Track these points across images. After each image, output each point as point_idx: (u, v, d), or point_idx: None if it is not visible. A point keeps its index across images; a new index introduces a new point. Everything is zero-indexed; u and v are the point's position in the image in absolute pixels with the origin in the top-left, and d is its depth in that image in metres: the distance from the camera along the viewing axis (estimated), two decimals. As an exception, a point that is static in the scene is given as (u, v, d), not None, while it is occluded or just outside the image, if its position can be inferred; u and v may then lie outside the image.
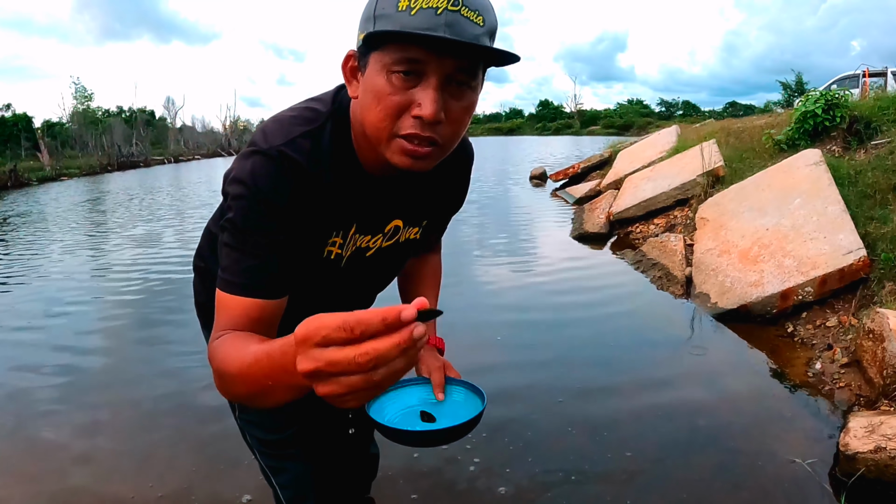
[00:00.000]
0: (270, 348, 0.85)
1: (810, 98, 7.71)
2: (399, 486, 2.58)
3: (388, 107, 1.02)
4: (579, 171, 14.13)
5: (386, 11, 0.99)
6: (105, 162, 34.46)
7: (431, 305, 1.58)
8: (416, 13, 0.96)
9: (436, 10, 0.96)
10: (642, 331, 4.64)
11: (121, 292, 6.29)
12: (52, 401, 3.69)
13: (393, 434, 1.38)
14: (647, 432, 3.09)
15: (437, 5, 0.96)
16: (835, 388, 3.37)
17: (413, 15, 0.96)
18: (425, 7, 0.96)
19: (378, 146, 1.08)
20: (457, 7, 0.97)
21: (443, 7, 0.96)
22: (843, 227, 4.46)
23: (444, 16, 0.96)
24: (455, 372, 1.58)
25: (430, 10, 0.96)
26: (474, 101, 1.09)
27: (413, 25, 0.96)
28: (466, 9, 0.98)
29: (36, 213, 14.27)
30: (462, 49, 0.98)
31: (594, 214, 8.92)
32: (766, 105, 38.57)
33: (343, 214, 1.25)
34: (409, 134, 1.03)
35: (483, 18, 1.00)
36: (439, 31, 0.96)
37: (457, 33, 0.97)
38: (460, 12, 0.97)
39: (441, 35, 0.95)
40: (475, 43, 0.98)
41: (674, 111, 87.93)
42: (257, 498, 2.58)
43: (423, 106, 1.00)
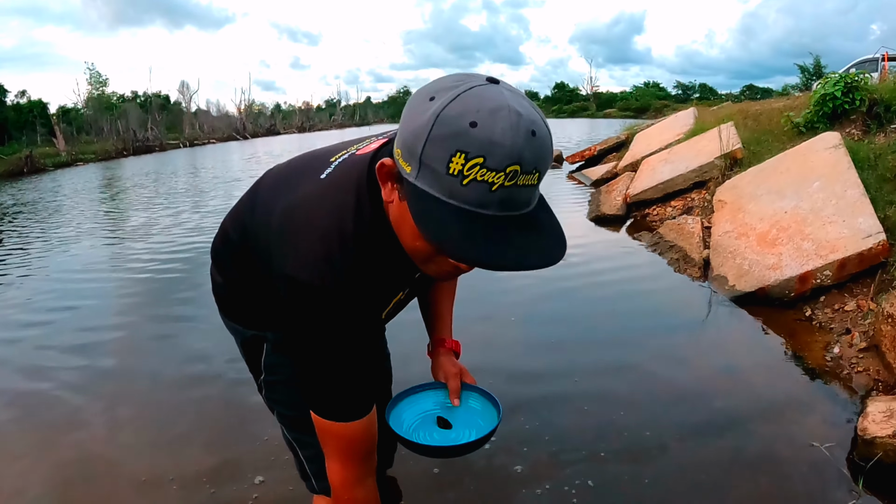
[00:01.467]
0: None
1: (830, 81, 7.63)
2: (413, 465, 2.60)
3: (425, 250, 1.05)
4: (596, 154, 14.04)
5: (435, 165, 0.91)
6: (120, 147, 34.65)
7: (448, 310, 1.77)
8: (469, 184, 0.89)
9: (491, 186, 0.89)
10: (659, 313, 4.64)
11: (140, 272, 6.35)
12: (69, 382, 3.75)
13: (411, 446, 1.46)
14: (664, 414, 3.09)
15: (493, 181, 0.89)
16: (853, 372, 3.35)
17: (465, 185, 0.90)
18: (479, 179, 0.89)
19: (413, 260, 1.13)
20: (514, 180, 0.90)
21: (499, 183, 0.89)
22: (863, 211, 4.43)
23: (498, 192, 0.90)
24: (471, 378, 1.63)
25: (485, 185, 0.89)
26: None
27: (462, 198, 0.91)
28: (525, 176, 0.91)
29: (51, 198, 14.36)
30: None
31: (611, 197, 8.89)
32: (784, 88, 38.18)
33: (390, 291, 1.30)
34: (446, 270, 1.11)
35: (539, 174, 0.94)
36: (490, 209, 0.91)
37: (510, 208, 0.93)
38: (517, 183, 0.91)
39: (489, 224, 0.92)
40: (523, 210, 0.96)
41: (690, 94, 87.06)
42: (270, 479, 2.61)
43: (462, 266, 1.07)
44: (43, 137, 34.79)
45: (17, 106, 42.51)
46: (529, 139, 0.89)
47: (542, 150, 0.92)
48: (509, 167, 0.88)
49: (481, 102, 0.89)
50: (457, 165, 0.88)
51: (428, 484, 2.57)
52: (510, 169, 0.88)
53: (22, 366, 4.05)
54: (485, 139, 0.87)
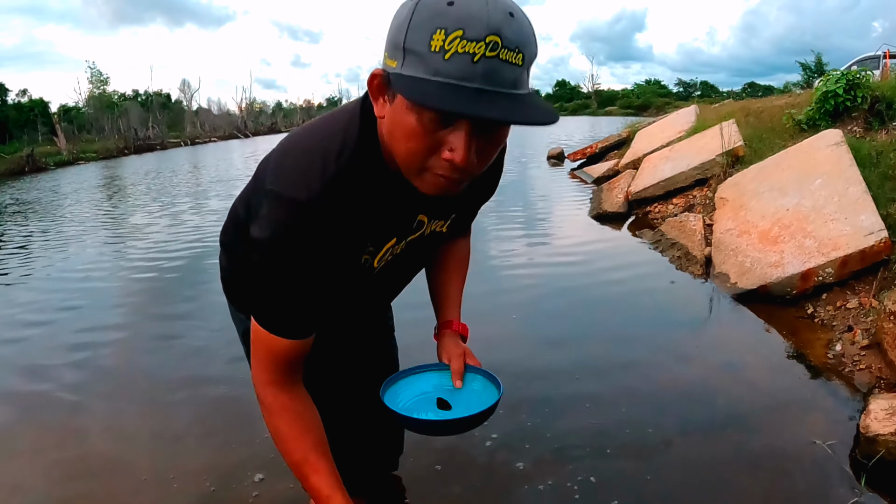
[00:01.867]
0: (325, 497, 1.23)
1: (831, 78, 7.62)
2: (416, 461, 2.60)
3: (419, 147, 1.01)
4: (597, 151, 14.04)
5: (416, 48, 0.92)
6: (121, 145, 34.69)
7: (457, 292, 1.73)
8: (451, 58, 0.90)
9: (472, 56, 0.89)
10: (661, 310, 4.63)
11: (142, 271, 6.37)
12: (70, 381, 3.76)
13: (405, 421, 1.41)
14: (665, 411, 3.09)
15: (473, 51, 0.89)
16: (855, 369, 3.35)
17: (447, 60, 0.90)
18: (461, 52, 0.89)
19: (407, 175, 1.08)
20: (495, 52, 0.90)
21: (480, 53, 0.89)
22: (865, 209, 4.42)
23: (481, 64, 0.90)
24: (475, 360, 1.56)
25: (467, 56, 0.89)
26: (505, 134, 1.10)
27: (447, 73, 0.90)
28: (506, 50, 0.91)
29: (52, 197, 14.38)
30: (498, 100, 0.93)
31: (612, 194, 8.89)
32: (786, 86, 38.12)
33: (379, 230, 1.26)
34: (440, 174, 1.04)
35: (523, 55, 0.94)
36: (475, 83, 0.90)
37: (494, 83, 0.92)
38: (499, 56, 0.91)
39: (475, 95, 0.90)
40: (511, 91, 0.94)
41: (692, 91, 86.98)
42: (269, 477, 2.61)
43: (456, 152, 0.99)
44: (44, 136, 34.85)
45: (19, 105, 42.60)
46: (507, 18, 0.91)
47: (522, 31, 0.93)
48: (489, 37, 0.89)
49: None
50: (438, 42, 0.89)
51: (431, 480, 2.57)
52: (490, 39, 0.89)
53: (23, 365, 4.05)
54: (463, 14, 0.88)
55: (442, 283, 1.72)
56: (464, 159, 0.99)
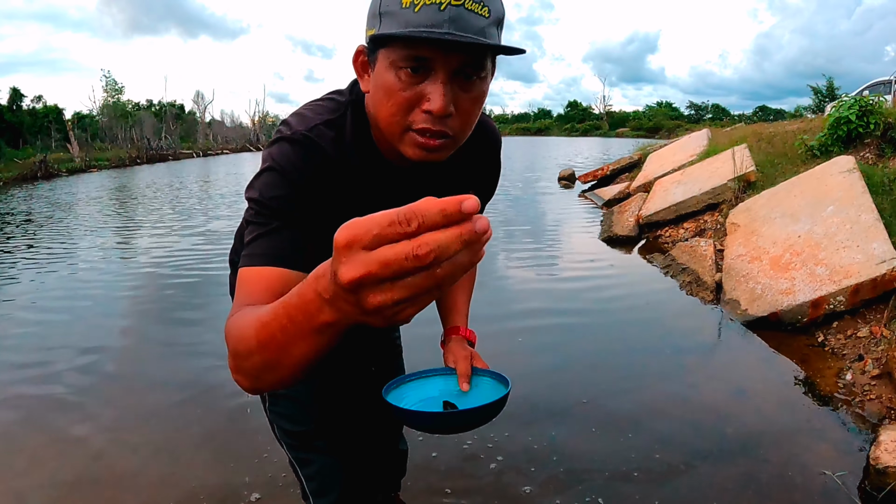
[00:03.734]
0: (287, 296, 0.76)
1: (844, 104, 7.62)
2: (423, 483, 2.59)
3: (399, 102, 1.04)
4: (608, 174, 14.06)
5: (390, 8, 0.99)
6: (134, 154, 34.81)
7: (464, 301, 1.68)
8: (420, 10, 0.96)
9: (439, 5, 0.95)
10: (670, 336, 4.61)
11: (151, 278, 6.37)
12: (72, 392, 3.74)
13: (412, 418, 1.33)
14: (673, 437, 3.07)
15: (440, 0, 0.95)
16: (865, 399, 3.32)
17: (417, 12, 0.96)
18: (429, 3, 0.95)
19: (392, 140, 1.10)
20: (460, 1, 0.96)
21: (446, 2, 0.95)
22: (877, 236, 4.40)
23: (447, 11, 0.96)
24: (483, 362, 1.53)
25: (434, 5, 0.96)
26: (484, 90, 1.09)
27: (417, 22, 0.96)
28: (471, 1, 0.97)
29: (63, 203, 14.44)
30: (467, 45, 0.97)
31: (623, 217, 8.88)
32: (797, 110, 38.14)
33: (365, 200, 1.18)
34: (421, 128, 1.05)
35: (489, 9, 1.00)
36: (444, 28, 0.96)
37: (461, 28, 0.97)
38: (464, 6, 0.96)
39: (445, 33, 0.95)
40: (479, 39, 0.97)
41: (703, 114, 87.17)
42: (266, 496, 2.60)
43: (433, 101, 1.01)
44: (57, 143, 34.99)
45: (33, 111, 42.86)
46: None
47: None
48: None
49: None
50: None
51: (437, 502, 2.56)
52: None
53: (29, 369, 4.05)
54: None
55: (447, 293, 1.68)
56: (442, 107, 1.01)
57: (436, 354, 1.61)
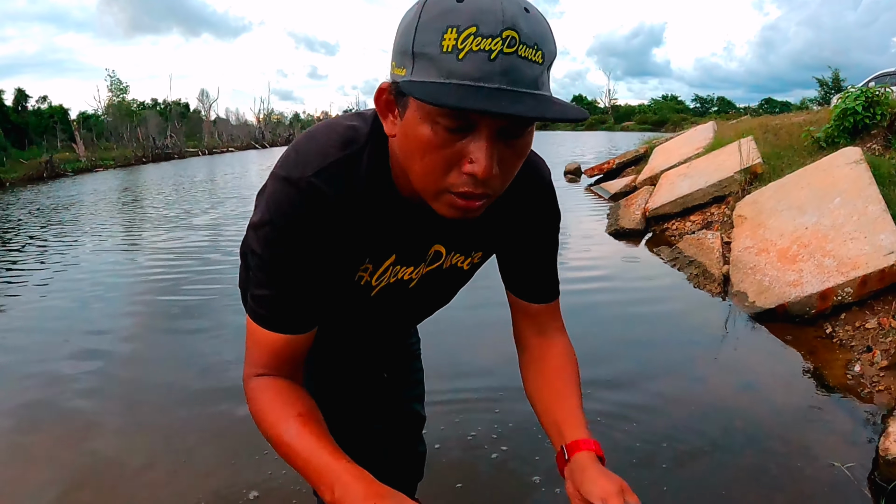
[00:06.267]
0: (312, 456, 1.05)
1: (850, 95, 7.60)
2: (429, 475, 2.60)
3: (436, 161, 0.92)
4: (614, 167, 14.04)
5: (427, 50, 0.85)
6: (140, 154, 34.93)
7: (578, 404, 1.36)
8: (466, 57, 0.82)
9: (489, 54, 0.81)
10: (678, 328, 4.62)
11: (154, 279, 6.39)
12: (77, 390, 3.77)
13: None
14: (681, 428, 3.08)
15: (490, 48, 0.81)
16: (874, 391, 3.32)
17: (461, 59, 0.82)
18: (475, 49, 0.81)
19: (424, 196, 0.99)
20: (513, 48, 0.82)
21: (497, 50, 0.82)
22: (885, 227, 4.39)
23: (499, 61, 0.82)
24: (635, 497, 1.19)
25: (483, 53, 0.81)
26: (529, 142, 1.00)
27: (462, 73, 0.82)
28: (524, 47, 0.83)
29: (69, 203, 14.48)
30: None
31: (630, 210, 8.87)
32: (803, 102, 38.04)
33: (379, 245, 1.16)
34: (462, 192, 0.94)
35: (543, 53, 0.86)
36: (494, 83, 0.82)
37: (515, 81, 0.84)
38: (517, 53, 0.83)
39: (495, 90, 0.82)
40: (535, 93, 0.86)
41: (708, 107, 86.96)
42: (263, 494, 2.60)
43: (477, 163, 0.90)
44: (63, 143, 35.08)
45: (39, 111, 42.99)
46: (523, 12, 0.84)
47: (540, 27, 0.86)
48: (505, 32, 0.81)
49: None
50: (450, 41, 0.82)
51: (449, 497, 2.56)
52: (507, 34, 0.81)
53: (36, 372, 4.06)
54: (474, 9, 0.82)
55: (554, 398, 1.39)
56: (487, 170, 0.89)
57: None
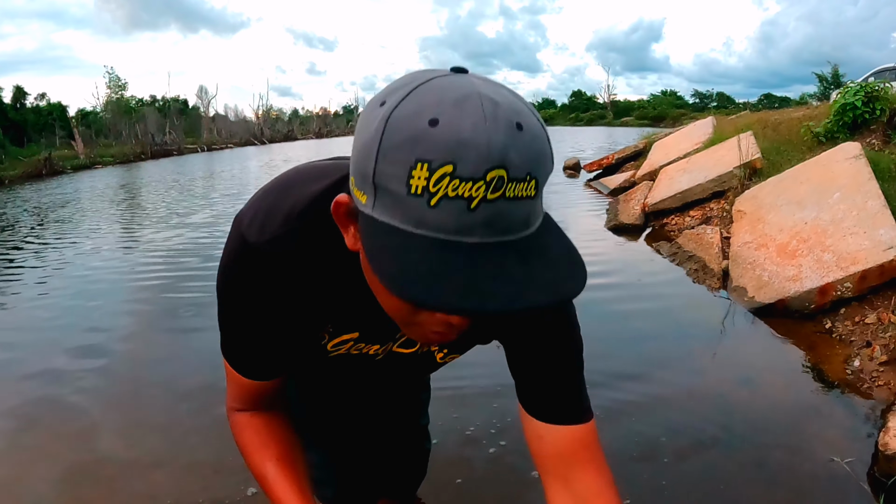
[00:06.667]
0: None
1: (850, 90, 7.59)
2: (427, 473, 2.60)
3: (401, 312, 0.83)
4: (613, 162, 14.03)
5: (392, 187, 0.67)
6: (139, 150, 34.87)
7: None
8: (439, 204, 0.65)
9: (469, 202, 0.65)
10: (677, 323, 4.62)
11: (155, 276, 6.38)
12: (78, 384, 3.76)
13: None
14: (680, 423, 3.07)
15: (470, 194, 0.64)
16: (874, 386, 3.32)
17: (434, 206, 0.65)
18: (452, 196, 0.64)
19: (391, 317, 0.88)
20: (500, 190, 0.66)
21: (479, 197, 0.65)
22: (884, 223, 4.39)
23: (481, 210, 0.66)
24: None
25: (461, 201, 0.65)
26: None
27: (434, 224, 0.66)
28: (514, 184, 0.67)
29: (68, 200, 14.47)
30: None
31: (629, 206, 8.87)
32: (802, 97, 38.03)
33: (340, 318, 1.09)
34: (436, 332, 0.86)
35: (536, 181, 0.70)
36: (474, 235, 0.67)
37: (500, 231, 0.69)
38: (505, 195, 0.66)
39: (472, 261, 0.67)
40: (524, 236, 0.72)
41: (707, 103, 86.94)
42: (261, 491, 2.58)
43: (445, 333, 0.85)
44: (62, 140, 35.00)
45: (37, 108, 42.90)
46: (514, 134, 0.66)
47: (535, 149, 0.69)
48: (490, 172, 0.64)
49: (443, 94, 0.67)
50: (419, 181, 0.64)
51: (448, 492, 2.56)
52: (492, 175, 0.64)
53: (37, 369, 4.04)
54: (452, 139, 0.64)
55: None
56: (454, 336, 0.85)
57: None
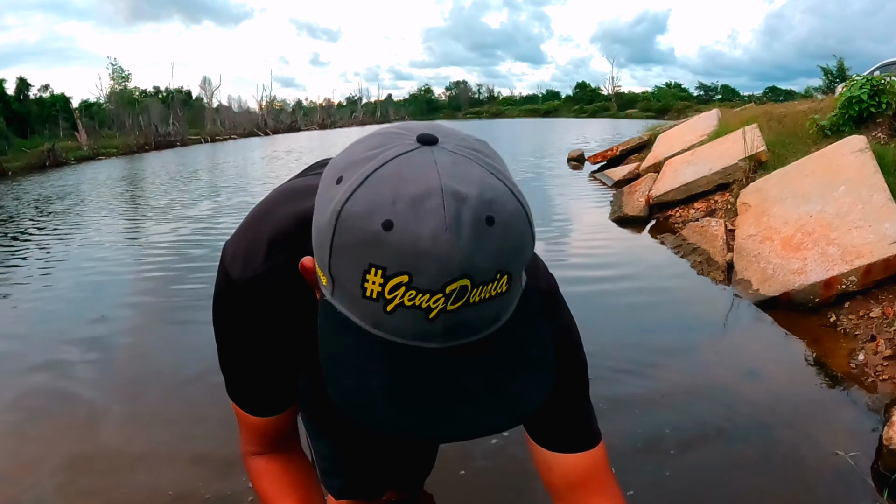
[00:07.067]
0: None
1: (856, 83, 7.56)
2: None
3: None
4: (618, 154, 13.98)
5: (346, 286, 0.65)
6: (142, 141, 34.77)
7: None
8: (395, 311, 0.62)
9: (426, 312, 0.61)
10: (681, 315, 4.61)
11: (159, 268, 6.39)
12: (81, 375, 3.78)
13: None
14: (684, 416, 3.07)
15: (428, 305, 0.61)
16: (878, 380, 3.31)
17: (390, 312, 0.62)
18: (408, 304, 0.61)
19: None
20: (462, 300, 0.61)
21: (438, 308, 0.61)
22: (889, 216, 4.37)
23: (440, 320, 0.62)
24: None
25: (418, 312, 0.62)
26: None
27: (391, 329, 0.64)
28: (481, 288, 0.62)
29: (71, 191, 14.48)
30: None
31: (633, 197, 8.85)
32: (807, 90, 37.92)
33: None
34: None
35: (509, 275, 0.65)
36: (434, 341, 0.64)
37: (461, 335, 0.65)
38: (469, 301, 0.62)
39: (436, 350, 0.65)
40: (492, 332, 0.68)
41: (712, 95, 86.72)
42: None
43: None
44: (65, 131, 34.95)
45: (40, 100, 42.90)
46: (481, 234, 0.61)
47: (508, 244, 0.64)
48: (451, 285, 0.60)
49: (400, 187, 0.61)
50: (374, 286, 0.61)
51: (452, 484, 2.55)
52: (452, 287, 0.60)
53: (38, 360, 4.05)
54: (406, 248, 0.59)
55: None
56: None
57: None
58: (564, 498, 1.14)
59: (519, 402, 0.69)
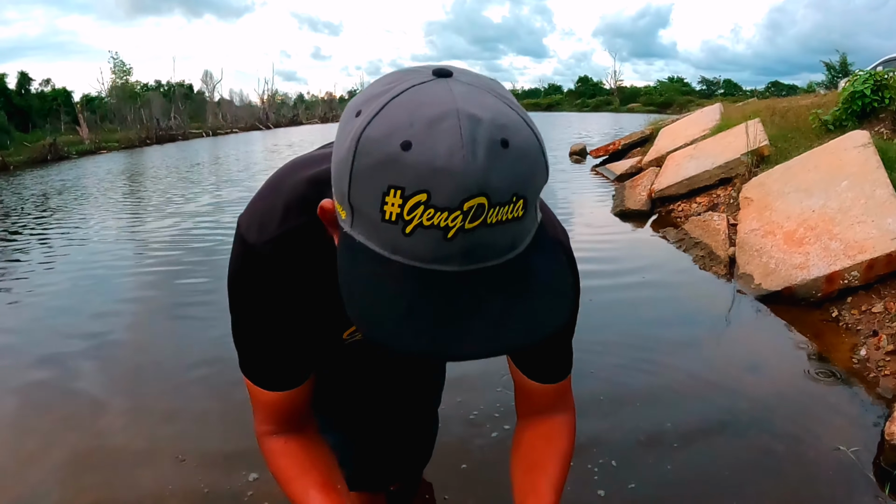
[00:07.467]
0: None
1: (859, 78, 7.54)
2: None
3: None
4: (620, 148, 13.97)
5: (366, 211, 0.65)
6: (143, 135, 34.76)
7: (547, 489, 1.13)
8: (414, 233, 0.63)
9: (444, 231, 0.62)
10: (683, 310, 4.61)
11: (161, 262, 6.38)
12: (83, 369, 3.78)
13: None
14: (686, 410, 3.08)
15: (446, 224, 0.62)
16: (880, 375, 3.31)
17: (409, 235, 0.63)
18: (427, 224, 0.62)
19: None
20: (479, 219, 0.62)
21: (456, 227, 0.62)
22: (892, 211, 4.36)
23: (458, 240, 0.63)
24: None
25: (435, 231, 0.62)
26: None
27: (410, 252, 0.65)
28: (497, 208, 0.63)
29: (73, 185, 14.48)
30: None
31: (635, 192, 8.84)
32: (810, 85, 37.85)
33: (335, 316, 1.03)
34: None
35: (525, 199, 0.66)
36: (452, 264, 0.65)
37: (479, 258, 0.66)
38: (485, 221, 0.63)
39: (455, 273, 0.66)
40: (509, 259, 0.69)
41: (715, 90, 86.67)
42: (263, 477, 2.57)
43: None
44: (67, 125, 34.94)
45: (42, 94, 42.80)
46: (496, 154, 0.62)
47: (523, 167, 0.65)
48: (468, 202, 0.61)
49: (417, 111, 0.63)
50: (393, 208, 0.62)
51: (453, 477, 2.55)
52: (470, 204, 0.61)
53: (37, 354, 4.05)
54: (424, 166, 0.60)
55: (526, 467, 1.18)
56: None
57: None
58: (530, 416, 1.23)
59: (539, 324, 0.70)
